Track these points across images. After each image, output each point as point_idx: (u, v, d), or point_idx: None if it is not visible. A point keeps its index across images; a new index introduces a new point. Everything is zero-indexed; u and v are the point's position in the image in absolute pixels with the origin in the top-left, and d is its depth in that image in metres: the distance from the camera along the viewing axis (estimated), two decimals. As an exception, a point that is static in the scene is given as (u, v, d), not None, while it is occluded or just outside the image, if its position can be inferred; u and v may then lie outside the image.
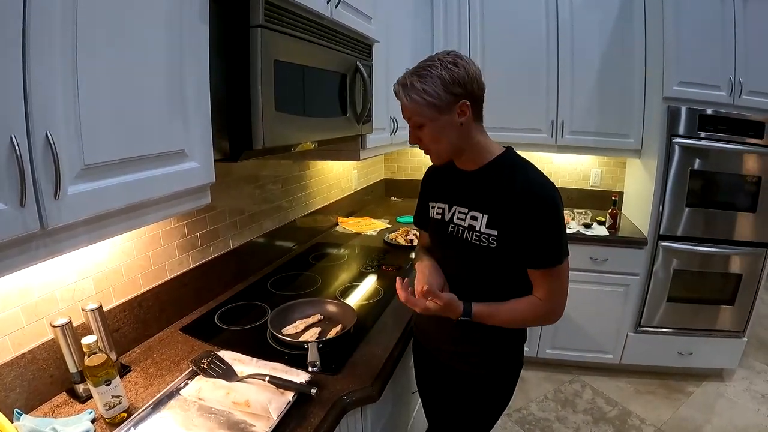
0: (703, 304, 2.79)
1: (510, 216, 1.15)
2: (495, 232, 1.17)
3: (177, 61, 1.00)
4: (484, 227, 1.19)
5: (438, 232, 1.33)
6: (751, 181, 2.54)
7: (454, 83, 1.09)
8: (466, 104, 1.12)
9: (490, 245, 1.18)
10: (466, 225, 1.23)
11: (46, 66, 0.73)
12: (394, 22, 2.35)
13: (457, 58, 1.12)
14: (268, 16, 1.18)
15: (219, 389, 1.16)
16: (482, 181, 1.22)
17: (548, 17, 2.81)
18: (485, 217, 1.19)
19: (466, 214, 1.24)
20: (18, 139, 0.70)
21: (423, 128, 1.16)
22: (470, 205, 1.24)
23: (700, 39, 2.45)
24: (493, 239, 1.17)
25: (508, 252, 1.17)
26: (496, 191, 1.18)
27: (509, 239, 1.16)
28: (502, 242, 1.17)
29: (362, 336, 1.50)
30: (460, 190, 1.28)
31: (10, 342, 1.08)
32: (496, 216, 1.17)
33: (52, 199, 0.76)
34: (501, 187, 1.18)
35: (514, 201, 1.14)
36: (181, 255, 1.63)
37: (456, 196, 1.29)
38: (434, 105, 1.10)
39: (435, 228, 1.35)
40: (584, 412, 2.66)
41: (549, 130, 2.96)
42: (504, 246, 1.17)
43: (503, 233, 1.16)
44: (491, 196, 1.19)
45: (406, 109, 1.15)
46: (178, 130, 1.03)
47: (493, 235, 1.17)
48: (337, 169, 2.89)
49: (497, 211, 1.17)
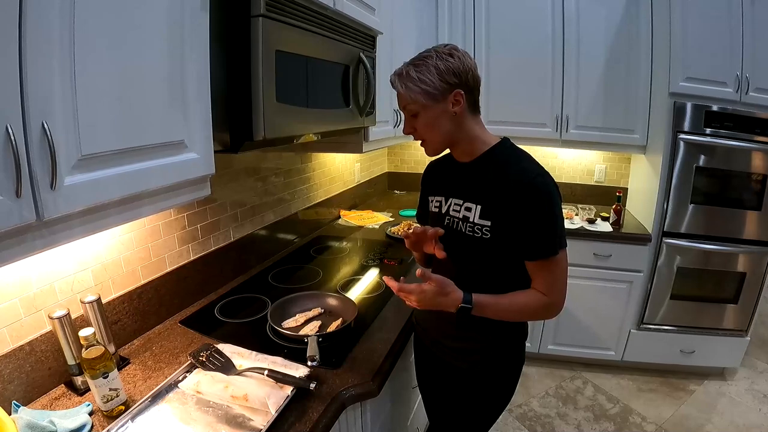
0: (706, 303, 2.77)
1: (503, 206, 1.15)
2: (488, 222, 1.17)
3: (177, 50, 0.98)
4: (478, 218, 1.19)
5: (436, 226, 1.31)
6: (756, 179, 2.51)
7: (449, 72, 1.11)
8: (460, 93, 1.14)
9: (484, 236, 1.18)
10: (461, 216, 1.24)
11: (43, 54, 0.72)
12: (398, 13, 2.32)
13: (453, 50, 1.14)
14: (269, 5, 1.16)
15: (217, 383, 1.16)
16: (477, 172, 1.22)
17: (554, 11, 2.78)
18: (478, 207, 1.19)
19: (461, 206, 1.24)
20: (14, 129, 0.68)
21: (417, 117, 1.17)
22: (465, 196, 1.24)
23: (707, 35, 2.41)
24: (487, 230, 1.17)
25: (502, 243, 1.17)
26: (490, 181, 1.18)
27: (502, 230, 1.16)
28: (496, 233, 1.16)
29: (363, 330, 1.49)
30: (456, 182, 1.28)
31: (8, 334, 1.08)
32: (490, 206, 1.17)
33: (49, 189, 0.75)
34: (494, 178, 1.18)
35: (507, 191, 1.14)
36: (182, 247, 1.62)
37: (452, 188, 1.29)
38: (428, 93, 1.12)
39: (433, 221, 1.35)
40: (585, 409, 2.65)
41: (554, 124, 2.93)
42: (497, 237, 1.17)
43: (496, 224, 1.16)
44: (485, 186, 1.19)
45: (401, 98, 1.17)
46: (177, 121, 1.01)
47: (486, 225, 1.17)
48: (339, 161, 2.88)
49: (490, 202, 1.17)
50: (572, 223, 2.82)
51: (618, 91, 2.82)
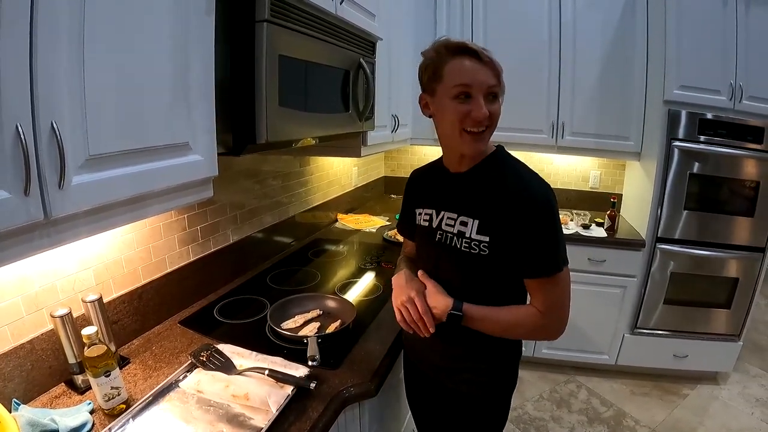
0: (699, 307, 2.80)
1: (502, 220, 1.06)
2: (486, 238, 1.09)
3: (183, 53, 1.00)
4: (475, 233, 1.10)
5: (426, 240, 1.25)
6: (749, 185, 2.55)
7: None
8: None
9: (482, 252, 1.09)
10: (455, 231, 1.14)
11: (53, 55, 0.73)
12: (397, 19, 2.35)
13: None
14: (274, 10, 1.18)
15: (218, 382, 1.17)
16: (472, 183, 1.14)
17: (551, 18, 2.81)
18: (475, 222, 1.10)
19: (455, 220, 1.15)
20: (23, 128, 0.70)
21: (495, 102, 1.07)
22: (459, 209, 1.15)
23: (702, 43, 2.45)
24: (485, 246, 1.09)
25: (501, 260, 1.09)
26: (487, 193, 1.10)
27: (502, 246, 1.08)
28: (495, 249, 1.08)
29: (361, 332, 1.50)
30: (449, 193, 1.19)
31: (9, 332, 1.08)
32: (488, 221, 1.09)
33: (57, 188, 0.77)
34: (492, 189, 1.10)
35: (506, 203, 1.06)
36: (182, 248, 1.63)
37: (444, 200, 1.20)
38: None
39: (422, 236, 1.26)
40: (579, 413, 2.67)
41: (549, 130, 2.95)
42: (496, 253, 1.09)
43: (495, 239, 1.08)
44: (482, 199, 1.11)
45: (492, 75, 1.05)
46: (182, 123, 1.03)
47: (484, 241, 1.09)
48: (337, 165, 2.89)
49: (488, 216, 1.09)
50: (567, 228, 2.85)
51: (613, 99, 2.84)
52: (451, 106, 1.05)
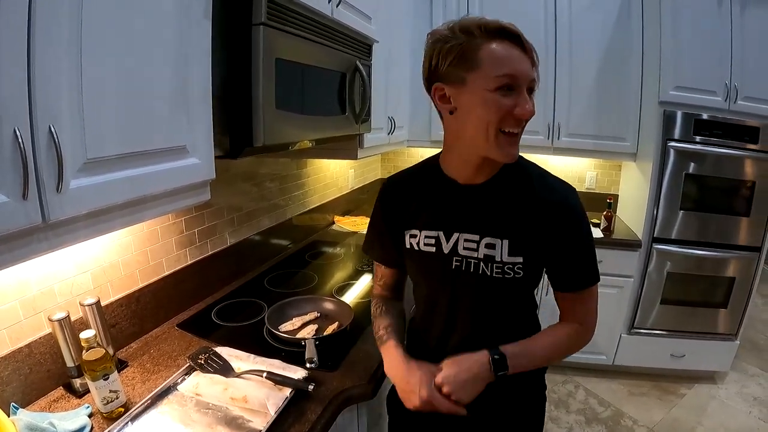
0: (696, 307, 2.81)
1: (536, 236, 0.95)
2: (520, 258, 0.96)
3: (180, 56, 1.00)
4: (507, 255, 0.96)
5: (432, 269, 1.06)
6: (745, 185, 2.56)
7: None
8: None
9: (516, 276, 0.96)
10: (481, 256, 0.98)
11: (51, 59, 0.73)
12: (393, 22, 2.35)
13: None
14: (270, 14, 1.18)
15: (216, 385, 1.17)
16: (494, 197, 0.98)
17: (547, 20, 2.82)
18: (505, 242, 0.96)
19: (477, 243, 0.99)
20: (21, 131, 0.70)
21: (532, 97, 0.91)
22: (482, 230, 0.98)
23: (697, 44, 2.47)
24: (519, 268, 0.96)
25: (533, 280, 1.00)
26: (515, 208, 0.97)
27: (537, 264, 0.98)
28: (529, 270, 0.97)
29: (358, 334, 1.50)
30: (463, 211, 1.01)
31: (7, 336, 1.08)
32: (520, 239, 0.96)
33: (55, 192, 0.77)
34: (520, 202, 0.96)
35: (539, 217, 0.94)
36: (179, 251, 1.63)
37: (456, 219, 1.01)
38: None
39: (424, 263, 1.07)
40: (577, 413, 2.68)
41: (546, 131, 2.96)
42: (531, 274, 0.98)
43: (530, 258, 0.96)
44: (509, 215, 0.97)
45: (531, 69, 0.90)
46: (180, 126, 1.03)
47: (518, 263, 0.96)
48: (334, 167, 2.90)
49: (520, 234, 0.96)
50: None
51: (609, 100, 2.86)
52: (492, 99, 0.86)
